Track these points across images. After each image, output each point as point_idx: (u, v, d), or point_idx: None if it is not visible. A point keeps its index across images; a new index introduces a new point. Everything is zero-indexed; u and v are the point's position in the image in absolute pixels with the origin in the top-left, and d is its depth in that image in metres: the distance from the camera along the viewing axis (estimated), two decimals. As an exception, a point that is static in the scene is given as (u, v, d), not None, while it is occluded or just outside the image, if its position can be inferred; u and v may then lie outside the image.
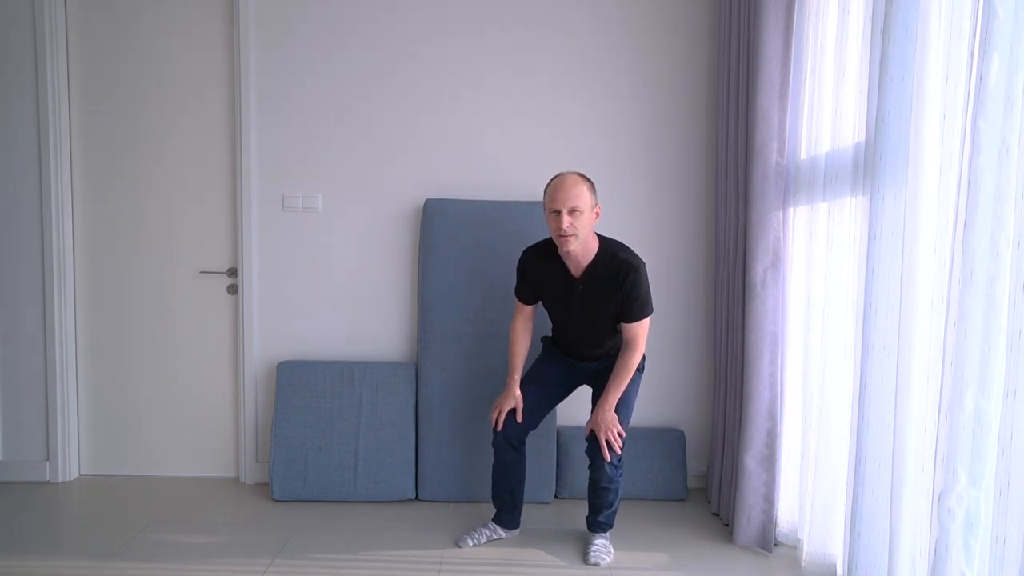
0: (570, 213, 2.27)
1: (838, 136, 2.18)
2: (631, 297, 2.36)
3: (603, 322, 2.45)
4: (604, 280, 2.38)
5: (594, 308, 2.42)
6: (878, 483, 1.85)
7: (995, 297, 1.39)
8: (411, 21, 3.12)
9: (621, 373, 2.41)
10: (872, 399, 1.85)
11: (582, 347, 2.57)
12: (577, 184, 2.31)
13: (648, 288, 2.42)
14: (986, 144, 1.37)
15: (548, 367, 2.64)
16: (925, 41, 1.66)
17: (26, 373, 3.19)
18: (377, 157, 3.15)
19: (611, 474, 2.44)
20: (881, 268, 1.81)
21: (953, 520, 1.45)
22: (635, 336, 2.42)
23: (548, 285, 2.50)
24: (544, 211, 2.38)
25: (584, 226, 2.30)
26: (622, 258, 2.38)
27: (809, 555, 2.32)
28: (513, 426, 2.52)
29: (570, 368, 2.62)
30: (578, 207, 2.27)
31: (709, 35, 3.13)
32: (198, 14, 3.13)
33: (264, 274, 3.18)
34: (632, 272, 2.35)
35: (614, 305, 2.39)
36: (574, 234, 2.28)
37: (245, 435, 3.20)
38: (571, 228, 2.27)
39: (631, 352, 2.42)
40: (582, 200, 2.28)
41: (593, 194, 2.37)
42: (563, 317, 2.53)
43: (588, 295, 2.41)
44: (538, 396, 2.58)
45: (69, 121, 3.16)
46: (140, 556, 2.46)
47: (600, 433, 2.40)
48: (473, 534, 2.59)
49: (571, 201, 2.27)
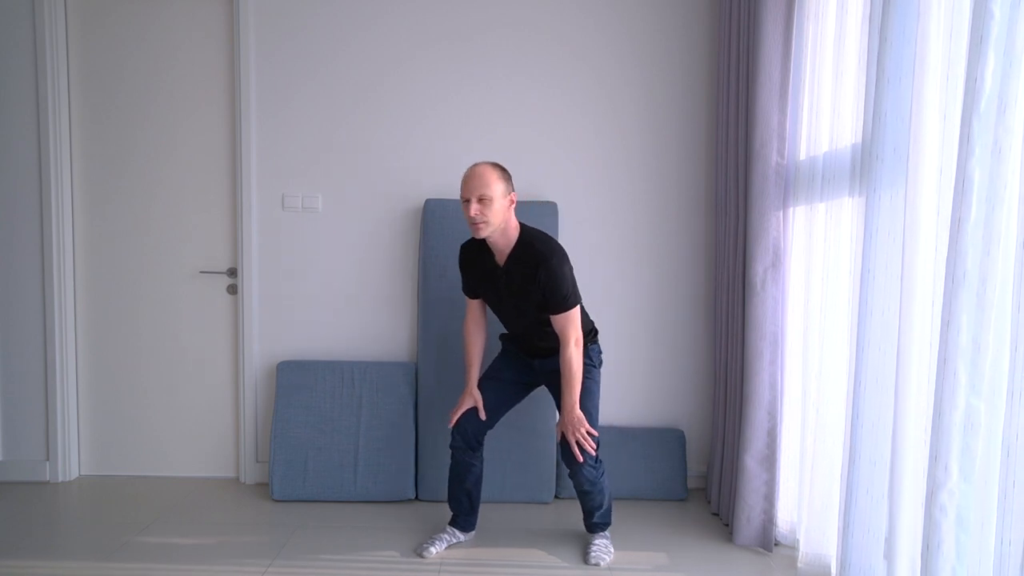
0: (479, 201, 2.28)
1: (837, 136, 2.18)
2: (548, 288, 2.34)
3: (531, 313, 2.43)
4: (522, 267, 2.37)
5: (519, 297, 2.41)
6: (872, 483, 1.85)
7: (986, 296, 1.39)
8: (411, 22, 3.12)
9: (566, 372, 2.39)
10: (867, 398, 1.85)
11: (527, 341, 2.55)
12: (486, 173, 2.31)
13: (569, 278, 2.36)
14: (979, 145, 1.37)
15: (504, 364, 2.63)
16: (923, 42, 1.66)
17: (26, 373, 3.20)
18: (377, 157, 3.15)
19: (590, 476, 2.41)
20: (877, 268, 1.81)
21: (945, 515, 1.46)
22: (562, 328, 2.38)
23: (480, 275, 2.52)
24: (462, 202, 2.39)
25: (495, 214, 2.30)
26: (537, 248, 2.35)
27: (806, 555, 2.32)
28: (472, 424, 2.51)
29: (526, 366, 2.60)
30: (486, 195, 2.28)
31: (709, 36, 3.12)
32: (199, 14, 3.14)
33: (264, 274, 3.19)
34: (544, 263, 2.32)
35: (536, 296, 2.37)
36: (484, 222, 2.29)
37: (245, 435, 3.21)
38: (479, 216, 2.28)
39: (565, 348, 2.38)
40: (491, 188, 2.29)
41: (506, 183, 2.34)
42: (498, 308, 2.55)
43: (512, 284, 2.41)
44: (495, 394, 2.56)
45: (69, 121, 3.17)
46: (140, 556, 2.46)
47: (569, 435, 2.38)
48: (435, 541, 2.55)
49: (479, 190, 2.28)
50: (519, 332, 2.56)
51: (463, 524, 2.62)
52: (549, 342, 2.47)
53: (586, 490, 2.45)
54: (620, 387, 3.23)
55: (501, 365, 2.64)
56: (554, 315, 2.38)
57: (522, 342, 2.58)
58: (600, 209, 3.18)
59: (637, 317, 3.21)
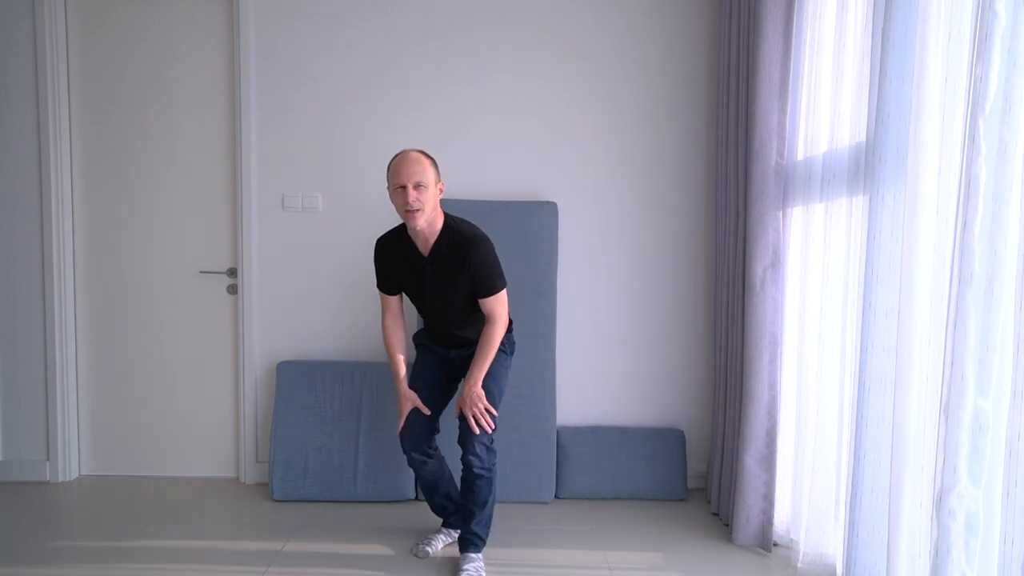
0: (415, 188, 2.24)
1: (837, 136, 2.18)
2: (477, 272, 2.34)
3: (457, 300, 2.41)
4: (449, 258, 2.35)
5: (445, 286, 2.38)
6: (877, 483, 1.85)
7: (993, 297, 1.39)
8: (411, 22, 3.12)
9: (483, 348, 2.37)
10: (871, 399, 1.85)
11: (448, 332, 2.50)
12: (420, 160, 2.29)
13: (494, 262, 2.37)
14: (985, 145, 1.37)
15: (424, 366, 2.56)
16: (924, 42, 1.66)
17: (26, 373, 3.19)
18: (377, 157, 3.15)
19: (483, 457, 2.35)
20: (880, 268, 1.81)
21: (954, 520, 1.46)
22: (491, 311, 2.39)
23: (401, 268, 2.45)
24: (389, 190, 2.33)
25: (429, 201, 2.28)
26: (465, 233, 2.35)
27: (806, 556, 2.33)
28: (420, 424, 2.44)
29: (445, 361, 2.56)
30: (422, 182, 2.25)
31: (709, 35, 3.13)
32: (199, 14, 3.13)
33: (264, 274, 3.19)
34: (473, 248, 2.33)
35: (464, 283, 2.36)
36: (420, 208, 2.25)
37: (245, 435, 3.21)
38: (417, 202, 2.24)
39: (491, 326, 2.38)
40: (426, 175, 2.26)
41: (436, 170, 2.34)
42: (421, 300, 2.48)
43: (438, 273, 2.37)
44: (426, 396, 2.50)
45: (69, 121, 3.16)
46: (140, 556, 2.46)
47: (467, 409, 2.34)
48: (431, 541, 2.55)
49: (415, 176, 2.25)
50: (440, 323, 2.50)
51: (454, 523, 2.62)
52: (469, 331, 2.47)
53: (476, 474, 2.35)
54: (620, 387, 3.23)
55: (421, 369, 2.56)
56: (484, 299, 2.38)
57: (441, 333, 2.52)
58: (600, 209, 3.18)
59: (637, 317, 3.21)
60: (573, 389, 3.22)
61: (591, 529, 2.77)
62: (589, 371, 3.23)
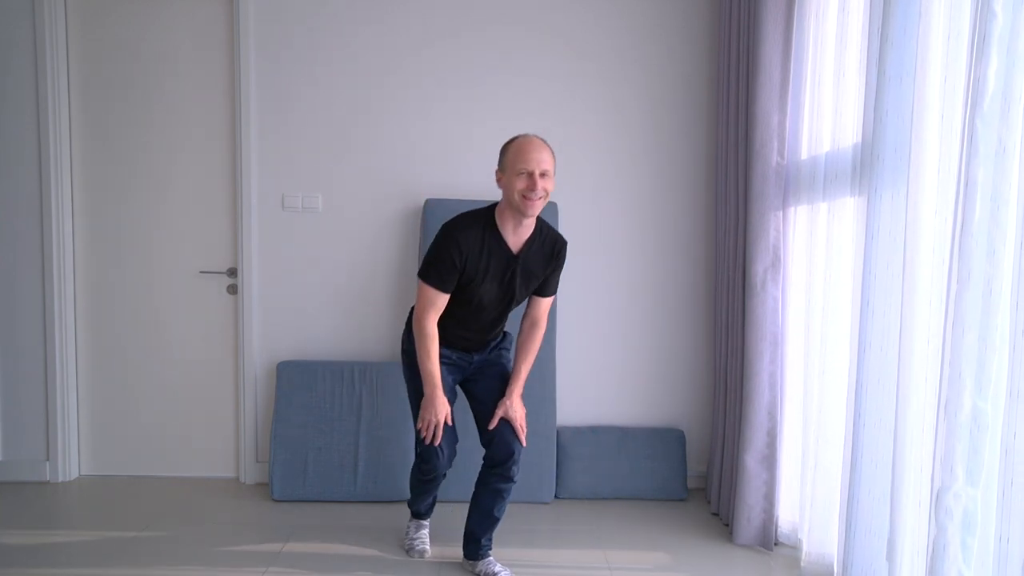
0: (542, 176, 2.09)
1: (838, 136, 2.18)
2: (557, 270, 2.32)
3: (522, 300, 2.34)
4: (540, 254, 2.26)
5: (526, 285, 2.28)
6: (875, 482, 1.85)
7: (992, 297, 1.39)
8: (411, 22, 3.12)
9: (529, 356, 2.33)
10: (869, 398, 1.85)
11: (481, 336, 2.36)
12: (546, 148, 2.13)
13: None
14: (983, 145, 1.37)
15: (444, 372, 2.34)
16: (924, 42, 1.66)
17: (26, 373, 3.19)
18: (377, 157, 3.15)
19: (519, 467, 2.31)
20: (878, 268, 1.81)
21: (951, 519, 1.46)
22: (544, 313, 2.37)
23: (489, 261, 2.19)
24: (503, 172, 2.14)
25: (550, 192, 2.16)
26: (554, 232, 2.31)
27: (809, 555, 2.32)
28: (448, 438, 2.30)
29: (463, 367, 2.41)
30: (548, 171, 2.10)
31: (709, 35, 3.13)
32: (199, 15, 3.14)
33: (264, 274, 3.19)
34: (563, 246, 2.32)
35: (539, 280, 2.32)
36: (543, 198, 2.11)
37: (245, 435, 3.21)
38: (543, 191, 2.10)
39: (539, 331, 2.35)
40: (552, 164, 2.12)
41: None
42: (478, 299, 2.23)
43: (524, 271, 2.24)
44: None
45: (69, 121, 3.17)
46: (140, 556, 2.46)
47: (519, 415, 2.30)
48: (423, 539, 2.55)
49: (544, 163, 2.09)
50: (481, 326, 2.32)
51: (425, 514, 2.60)
52: (495, 334, 2.42)
53: (514, 483, 2.31)
54: (620, 387, 3.23)
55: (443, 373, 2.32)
56: (547, 298, 2.37)
57: (475, 337, 2.36)
58: (600, 209, 3.18)
59: (637, 317, 3.21)
60: (573, 389, 3.22)
61: (591, 529, 2.77)
62: (589, 371, 3.23)
